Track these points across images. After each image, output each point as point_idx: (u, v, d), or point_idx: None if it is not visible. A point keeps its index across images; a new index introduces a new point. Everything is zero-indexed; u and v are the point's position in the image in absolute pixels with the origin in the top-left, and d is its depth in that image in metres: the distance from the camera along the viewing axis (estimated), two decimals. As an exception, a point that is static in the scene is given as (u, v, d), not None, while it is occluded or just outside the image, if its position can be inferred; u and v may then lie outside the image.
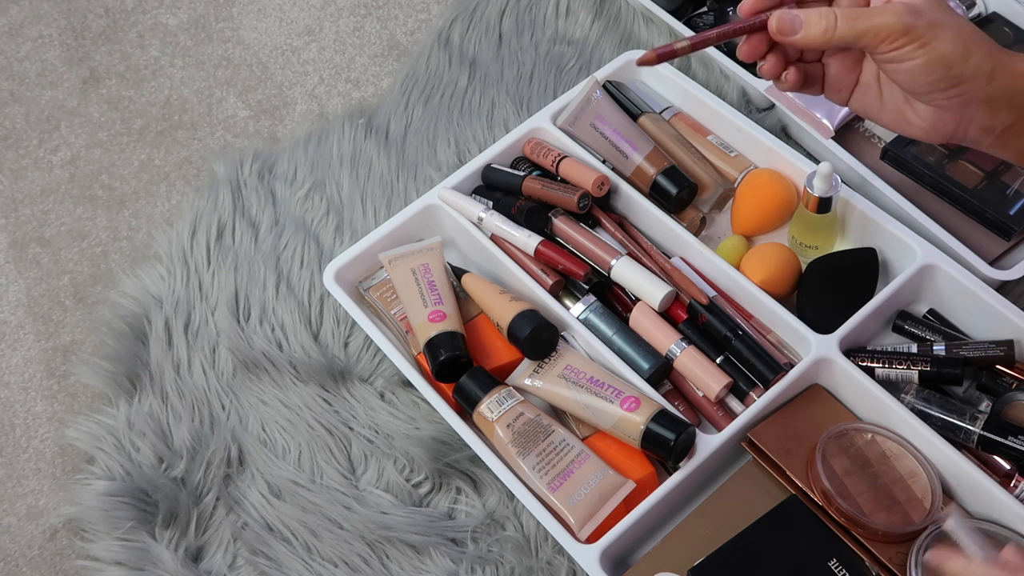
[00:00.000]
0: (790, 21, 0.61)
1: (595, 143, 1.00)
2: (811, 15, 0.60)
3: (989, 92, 0.60)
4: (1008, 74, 0.60)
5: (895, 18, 0.59)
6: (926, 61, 0.59)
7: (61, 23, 1.28)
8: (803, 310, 0.90)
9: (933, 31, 0.58)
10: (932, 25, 0.59)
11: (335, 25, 1.26)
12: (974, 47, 0.59)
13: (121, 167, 1.15)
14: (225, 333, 0.97)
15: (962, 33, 0.59)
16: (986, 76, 0.59)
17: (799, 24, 0.61)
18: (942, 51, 0.59)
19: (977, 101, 0.60)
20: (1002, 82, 0.60)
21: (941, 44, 0.59)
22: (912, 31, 0.58)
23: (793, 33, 0.61)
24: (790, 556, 0.75)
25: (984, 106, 0.61)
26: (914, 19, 0.58)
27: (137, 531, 0.86)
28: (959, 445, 0.81)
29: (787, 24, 0.61)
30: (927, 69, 0.59)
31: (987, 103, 0.60)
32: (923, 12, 0.59)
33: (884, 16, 0.59)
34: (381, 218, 1.04)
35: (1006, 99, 0.60)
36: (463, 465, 0.88)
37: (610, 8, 1.20)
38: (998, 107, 0.61)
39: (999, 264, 0.94)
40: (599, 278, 0.92)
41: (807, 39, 0.61)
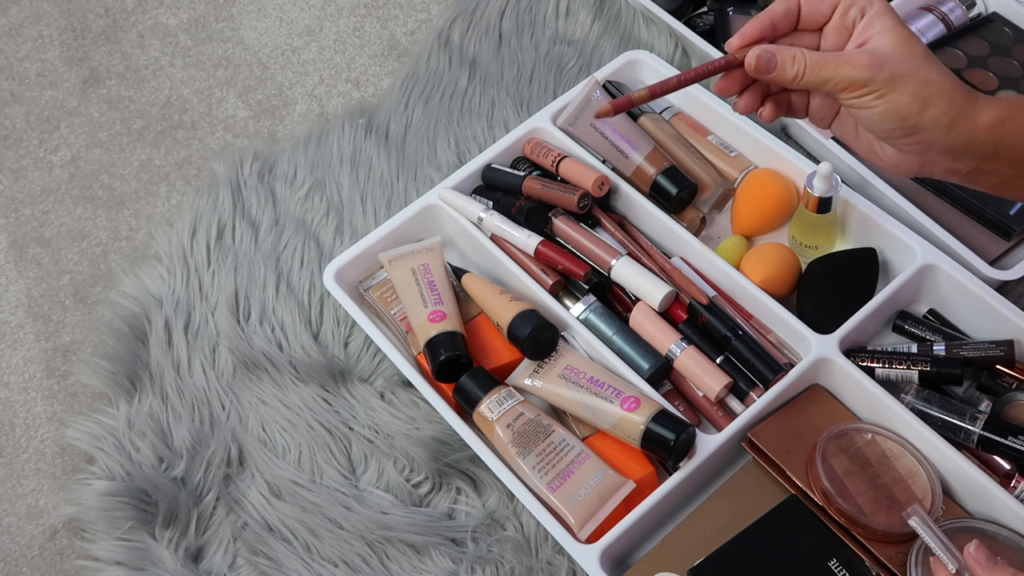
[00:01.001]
0: (767, 60, 0.63)
1: (595, 143, 1.00)
2: (785, 58, 0.63)
3: (948, 142, 0.62)
4: (968, 125, 0.61)
5: (857, 71, 0.61)
6: (882, 112, 0.61)
7: (61, 23, 1.28)
8: (803, 310, 0.90)
9: (891, 84, 0.61)
10: (892, 79, 0.61)
11: (335, 25, 1.26)
12: (934, 100, 0.61)
13: (121, 167, 1.15)
14: (225, 333, 0.97)
15: (923, 86, 0.61)
16: (944, 128, 0.61)
17: (775, 64, 0.63)
18: (897, 104, 0.61)
19: (936, 149, 0.62)
20: (962, 133, 0.61)
21: (897, 97, 0.61)
22: (870, 84, 0.61)
23: (769, 72, 0.64)
24: (790, 556, 0.75)
25: (945, 153, 0.63)
26: (875, 72, 0.61)
27: (137, 531, 0.86)
28: (959, 445, 0.81)
29: (764, 63, 0.64)
30: (883, 119, 0.62)
31: (947, 151, 0.62)
32: (885, 65, 0.61)
33: (847, 68, 0.62)
34: (381, 218, 1.04)
35: (966, 148, 0.62)
36: (463, 465, 0.88)
37: (610, 8, 1.20)
38: (959, 155, 0.63)
39: (999, 264, 0.94)
40: (599, 278, 0.92)
41: (778, 79, 0.64)
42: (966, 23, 1.11)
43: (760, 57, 0.64)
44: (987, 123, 0.62)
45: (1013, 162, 0.63)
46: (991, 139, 0.62)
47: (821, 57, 0.63)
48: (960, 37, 1.08)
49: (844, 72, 0.62)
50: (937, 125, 0.61)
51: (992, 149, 0.62)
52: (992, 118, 0.62)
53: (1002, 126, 0.62)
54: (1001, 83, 1.04)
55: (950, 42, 1.07)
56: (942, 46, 1.06)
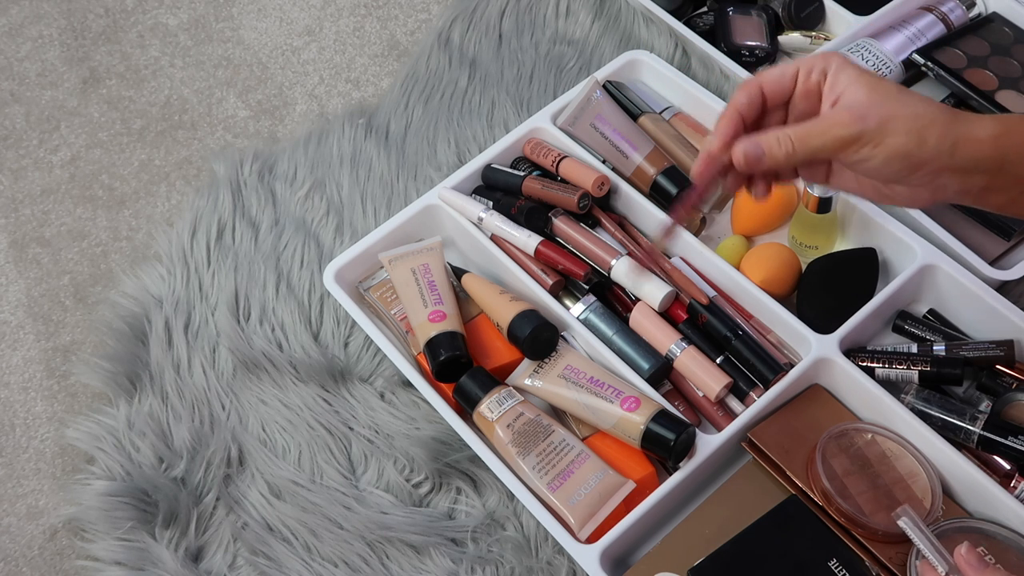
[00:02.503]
0: (755, 154, 0.64)
1: (595, 143, 1.00)
2: (771, 143, 0.63)
3: (954, 164, 0.61)
4: (970, 144, 0.61)
5: (844, 130, 0.61)
6: (884, 159, 0.61)
7: (61, 23, 1.28)
8: (803, 310, 0.90)
9: (883, 129, 0.61)
10: (881, 125, 0.61)
11: (335, 25, 1.26)
12: (929, 130, 0.61)
13: (121, 167, 1.15)
14: (225, 333, 0.97)
15: (915, 120, 0.61)
16: (947, 153, 0.61)
17: (762, 152, 0.63)
18: (896, 146, 0.61)
19: (946, 173, 0.62)
20: (965, 152, 0.61)
21: (893, 140, 0.61)
22: (862, 136, 0.61)
23: (760, 163, 0.64)
24: (790, 556, 0.75)
25: (954, 175, 0.62)
26: (862, 124, 0.61)
27: (137, 531, 0.86)
28: (959, 445, 0.81)
29: (752, 157, 0.64)
30: (887, 164, 0.61)
31: (956, 173, 0.62)
32: (869, 115, 0.61)
33: (835, 130, 0.62)
34: (381, 218, 1.04)
35: (973, 167, 0.62)
36: (463, 465, 0.88)
37: (610, 8, 1.20)
38: (968, 174, 0.62)
39: (999, 264, 0.94)
40: (599, 278, 0.92)
41: (771, 165, 0.64)
42: (966, 23, 1.11)
43: (747, 153, 0.64)
44: (987, 137, 0.62)
45: (1019, 180, 0.62)
46: (994, 154, 0.62)
47: (804, 129, 0.63)
48: (960, 37, 1.08)
49: (832, 134, 0.62)
50: (940, 152, 0.61)
51: (997, 164, 0.62)
52: (990, 133, 0.62)
53: (1003, 141, 0.62)
54: (1001, 83, 1.04)
55: (950, 42, 1.07)
56: (942, 46, 1.06)
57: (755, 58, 1.10)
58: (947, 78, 1.03)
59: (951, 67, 1.04)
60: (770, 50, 1.10)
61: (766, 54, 1.10)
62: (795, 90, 0.66)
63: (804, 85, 0.65)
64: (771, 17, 1.13)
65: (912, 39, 1.08)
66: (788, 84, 0.66)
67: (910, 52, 1.06)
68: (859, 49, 1.06)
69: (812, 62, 0.65)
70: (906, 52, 1.06)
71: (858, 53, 1.06)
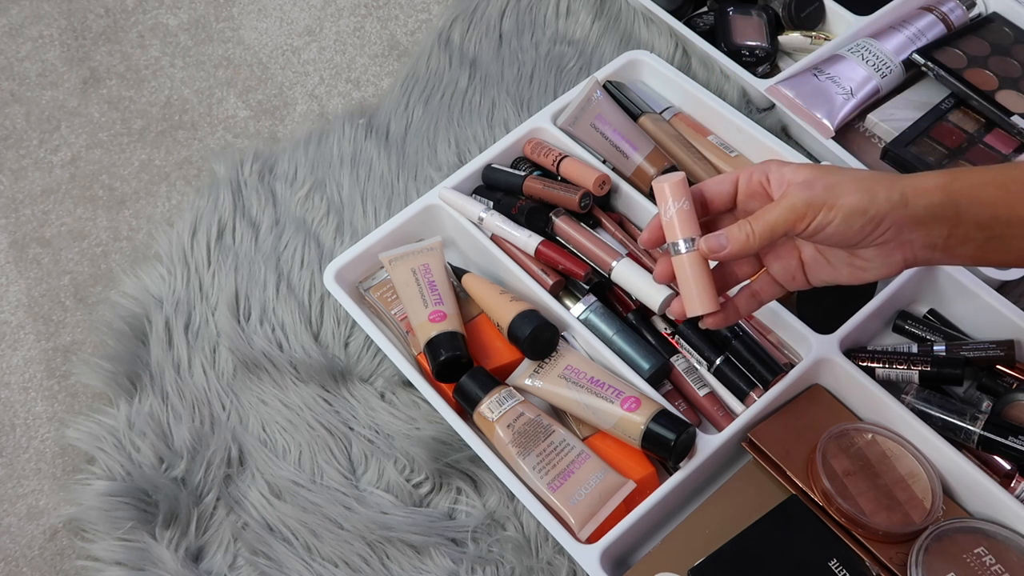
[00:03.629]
0: (716, 240, 0.65)
1: (595, 143, 1.00)
2: (732, 231, 0.65)
3: (911, 215, 0.63)
4: (919, 193, 0.63)
5: (796, 199, 0.63)
6: (842, 218, 0.62)
7: (61, 23, 1.28)
8: (803, 310, 0.90)
9: (832, 192, 0.63)
10: (828, 188, 0.63)
11: (335, 25, 1.26)
12: (876, 185, 0.63)
13: (121, 167, 1.15)
14: (225, 333, 0.97)
15: (859, 179, 0.63)
16: (900, 204, 0.62)
17: (725, 240, 0.65)
18: (850, 204, 0.62)
19: (907, 225, 0.63)
20: (918, 201, 0.63)
21: (845, 199, 0.62)
22: (813, 201, 0.63)
23: (722, 249, 0.65)
24: (790, 556, 0.75)
25: (915, 226, 0.63)
26: (810, 191, 0.63)
27: (137, 531, 0.86)
28: (959, 445, 0.81)
29: (715, 244, 0.65)
30: (847, 223, 0.62)
31: (916, 224, 0.63)
32: (815, 184, 0.63)
33: (785, 201, 0.64)
34: (381, 218, 1.04)
35: (929, 215, 0.63)
36: (463, 465, 0.88)
37: (610, 8, 1.20)
38: (928, 224, 0.63)
39: (999, 264, 0.94)
40: (599, 278, 0.92)
41: (735, 250, 0.65)
42: (966, 23, 1.11)
43: (709, 242, 0.65)
44: (934, 186, 0.63)
45: (978, 225, 0.63)
46: (945, 200, 0.63)
47: (760, 212, 0.65)
48: (960, 37, 1.08)
49: (785, 205, 0.63)
50: (892, 203, 0.62)
51: (953, 211, 0.63)
52: (936, 182, 0.63)
53: (950, 188, 0.63)
54: (1001, 83, 1.04)
55: (950, 42, 1.07)
56: (942, 46, 1.06)
57: (755, 58, 1.10)
58: (947, 78, 1.03)
59: (951, 67, 1.04)
60: (770, 50, 1.10)
61: (766, 54, 1.10)
62: (738, 195, 0.68)
63: (747, 187, 0.67)
64: (771, 17, 1.13)
65: (912, 39, 1.08)
66: (729, 188, 0.68)
67: (910, 52, 1.06)
68: (859, 49, 1.06)
69: (751, 168, 0.67)
70: (906, 52, 1.06)
71: (858, 53, 1.06)
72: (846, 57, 1.06)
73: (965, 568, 0.74)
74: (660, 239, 0.68)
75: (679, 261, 0.66)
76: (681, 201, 0.66)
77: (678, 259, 0.66)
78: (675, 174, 0.67)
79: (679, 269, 0.67)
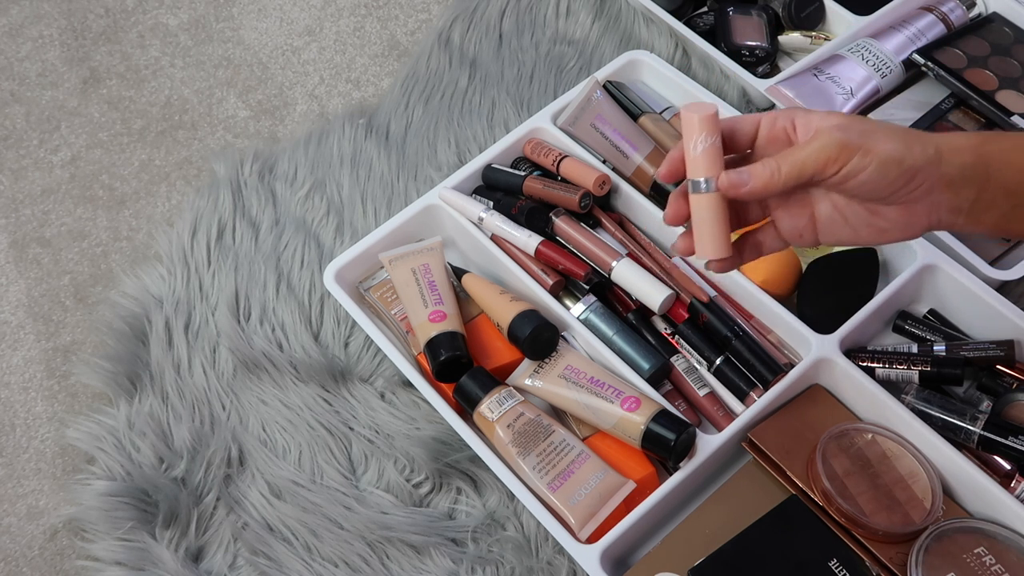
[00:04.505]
0: (738, 176, 0.62)
1: (595, 143, 1.00)
2: (755, 167, 0.62)
3: (944, 173, 0.61)
4: (954, 151, 0.61)
5: (828, 139, 0.60)
6: (878, 164, 0.60)
7: (61, 23, 1.28)
8: (803, 310, 0.90)
9: (867, 138, 0.60)
10: (864, 134, 0.60)
11: (335, 25, 1.26)
12: (911, 139, 0.61)
13: (121, 167, 1.15)
14: (225, 333, 0.97)
15: (894, 131, 0.61)
16: (934, 160, 0.60)
17: (747, 176, 0.62)
18: (886, 150, 0.60)
19: (938, 185, 0.61)
20: (952, 159, 0.61)
21: (882, 145, 0.60)
22: (848, 144, 0.60)
23: (743, 186, 0.62)
24: (790, 556, 0.75)
25: (945, 188, 0.62)
26: (845, 134, 0.60)
27: (137, 531, 0.86)
28: (959, 445, 0.81)
29: (736, 179, 0.62)
30: (882, 172, 0.60)
31: (947, 184, 0.62)
32: (849, 126, 0.60)
33: (817, 142, 0.60)
34: (381, 218, 1.04)
35: (961, 176, 0.61)
36: (463, 465, 0.88)
37: (610, 8, 1.20)
38: (958, 185, 0.62)
39: (999, 264, 0.94)
40: (599, 278, 0.92)
41: (757, 187, 0.62)
42: (966, 23, 1.11)
43: (731, 178, 0.62)
44: (968, 146, 0.61)
45: (1006, 192, 0.62)
46: (978, 162, 0.61)
47: (788, 150, 0.61)
48: (960, 37, 1.08)
49: (817, 145, 0.60)
50: (928, 158, 0.60)
51: (983, 173, 0.61)
52: (969, 143, 0.61)
53: (983, 149, 0.61)
54: (1001, 83, 1.04)
55: (950, 42, 1.07)
56: (942, 46, 1.06)
57: (755, 58, 1.10)
58: (947, 78, 1.03)
59: (951, 67, 1.04)
60: (770, 50, 1.10)
61: (766, 54, 1.10)
62: (758, 138, 0.65)
63: (770, 131, 0.64)
64: (771, 17, 1.13)
65: (912, 39, 1.08)
66: (749, 129, 0.64)
67: (910, 52, 1.06)
68: (859, 49, 1.06)
69: (775, 112, 0.64)
70: (906, 52, 1.06)
71: (858, 53, 1.06)
72: (846, 57, 1.06)
73: (965, 568, 0.74)
74: (679, 173, 0.64)
75: (698, 200, 0.63)
76: (712, 137, 0.62)
77: (697, 197, 0.63)
78: (707, 106, 0.63)
79: (696, 208, 0.63)
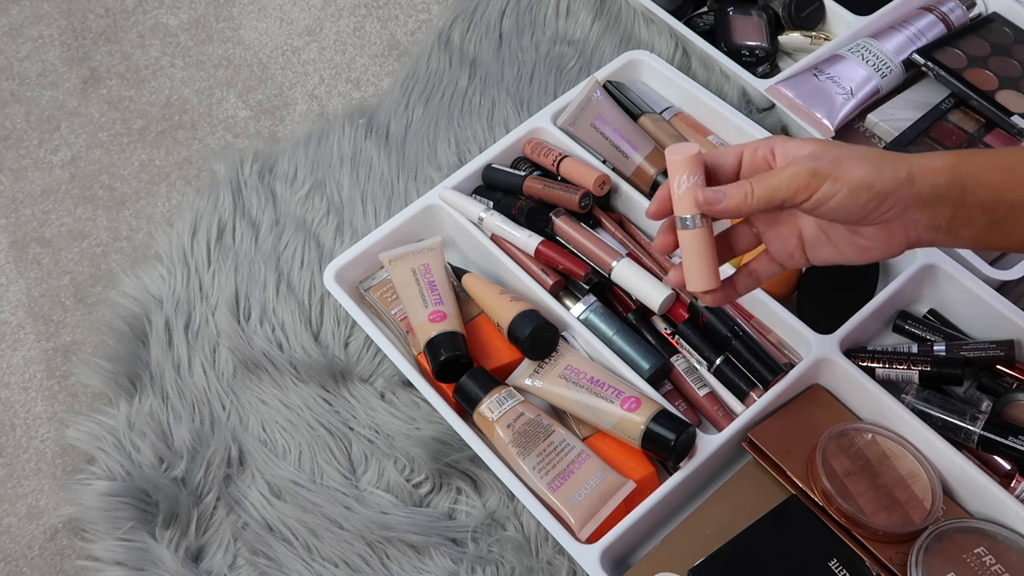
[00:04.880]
0: (714, 194, 0.64)
1: (595, 143, 1.00)
2: (730, 187, 0.64)
3: (916, 193, 0.62)
4: (925, 172, 0.62)
5: (799, 167, 0.62)
6: (848, 191, 0.61)
7: (61, 23, 1.28)
8: (803, 310, 0.90)
9: (838, 165, 0.62)
10: (834, 161, 0.62)
11: (335, 25, 1.26)
12: (882, 162, 0.62)
13: (121, 167, 1.15)
14: (225, 333, 0.97)
15: (865, 156, 0.62)
16: (906, 182, 0.62)
17: (722, 195, 0.64)
18: (856, 177, 0.61)
19: (912, 205, 0.62)
20: (924, 180, 0.62)
21: (851, 172, 0.61)
22: (819, 172, 0.61)
23: (718, 203, 0.64)
24: (790, 556, 0.75)
25: (920, 207, 0.63)
26: (816, 163, 0.62)
27: (137, 531, 0.86)
28: (959, 445, 0.81)
29: (712, 196, 0.64)
30: (852, 197, 0.61)
31: (921, 204, 0.62)
32: (821, 154, 0.62)
33: (789, 169, 0.62)
34: (381, 218, 1.04)
35: (935, 195, 0.62)
36: (463, 465, 0.88)
37: (610, 8, 1.20)
38: (933, 204, 0.63)
39: (999, 264, 0.94)
40: (599, 278, 0.92)
41: (731, 206, 0.64)
42: (966, 23, 1.11)
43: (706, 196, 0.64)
44: (941, 167, 0.62)
45: (983, 208, 0.63)
46: (952, 182, 0.62)
47: (763, 175, 0.64)
48: (960, 37, 1.08)
49: (789, 173, 0.62)
50: (899, 180, 0.61)
51: (958, 193, 0.62)
52: (943, 162, 0.63)
53: (957, 169, 0.62)
54: (1001, 83, 1.04)
55: (950, 42, 1.07)
56: (942, 46, 1.06)
57: (755, 58, 1.10)
58: (947, 78, 1.03)
59: (951, 67, 1.04)
60: (770, 50, 1.10)
61: (766, 54, 1.10)
62: (742, 169, 0.67)
63: (752, 161, 0.66)
64: (771, 17, 1.13)
65: (912, 39, 1.08)
66: (733, 162, 0.67)
67: (910, 52, 1.06)
68: (859, 49, 1.06)
69: (756, 142, 0.66)
70: (906, 52, 1.06)
71: (858, 53, 1.06)
72: (846, 57, 1.06)
73: (965, 568, 0.74)
74: (667, 210, 0.67)
75: (685, 236, 0.66)
76: (695, 176, 0.65)
77: (684, 233, 0.66)
78: (689, 146, 0.66)
79: (685, 243, 0.66)
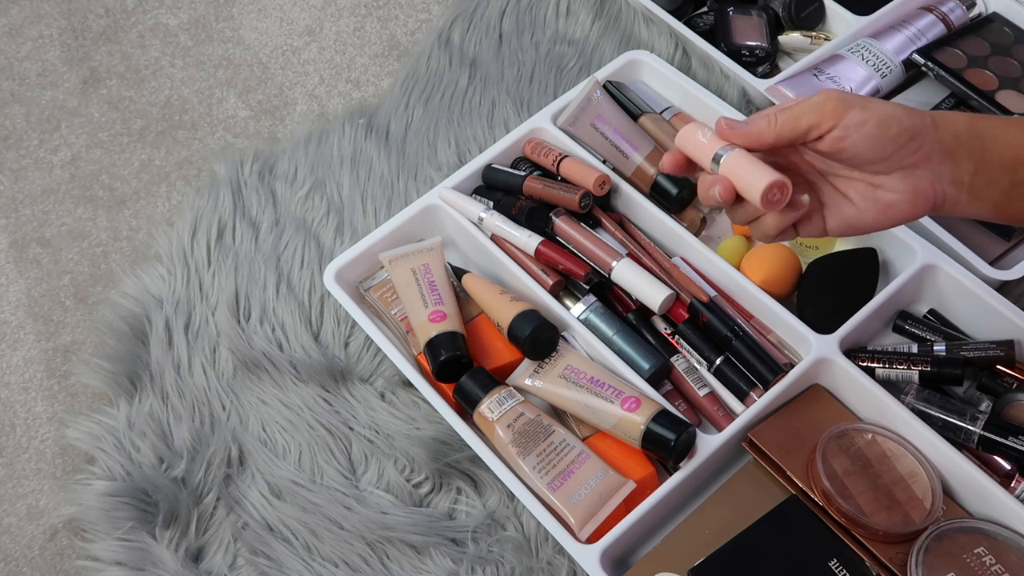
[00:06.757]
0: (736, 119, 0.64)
1: (595, 143, 1.00)
2: (755, 117, 0.64)
3: (940, 139, 0.63)
4: (948, 123, 0.63)
5: (827, 95, 0.62)
6: (878, 119, 0.61)
7: (61, 23, 1.28)
8: (803, 310, 0.90)
9: (866, 105, 0.62)
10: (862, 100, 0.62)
11: (335, 25, 1.26)
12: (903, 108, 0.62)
13: (121, 167, 1.15)
14: (225, 333, 0.97)
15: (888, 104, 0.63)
16: (931, 126, 0.62)
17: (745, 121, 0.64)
18: (885, 111, 0.61)
19: (936, 153, 0.63)
20: (948, 128, 0.63)
21: (881, 106, 0.62)
22: (846, 100, 0.61)
23: (741, 127, 0.64)
24: (790, 556, 0.75)
25: (944, 157, 0.63)
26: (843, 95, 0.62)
27: (137, 531, 0.86)
28: (959, 445, 0.81)
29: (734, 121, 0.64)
30: (883, 127, 0.61)
31: (945, 153, 0.63)
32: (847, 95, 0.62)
33: (816, 97, 0.62)
34: (381, 218, 1.04)
35: (958, 146, 0.63)
36: (463, 465, 0.88)
37: (610, 8, 1.20)
38: (956, 155, 0.63)
39: (999, 264, 0.94)
40: (599, 278, 0.92)
41: (753, 131, 0.64)
42: (966, 23, 1.11)
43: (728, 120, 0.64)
44: (963, 120, 0.63)
45: (1004, 166, 0.63)
46: (972, 132, 0.63)
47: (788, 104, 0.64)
48: (960, 37, 1.08)
49: (815, 100, 0.62)
50: (924, 124, 0.62)
51: (979, 146, 0.63)
52: (964, 117, 0.63)
53: (976, 122, 0.63)
54: (1001, 83, 1.04)
55: (950, 42, 1.07)
56: (942, 46, 1.06)
57: (755, 58, 1.10)
58: (947, 78, 1.03)
59: (951, 67, 1.04)
60: (770, 50, 1.10)
61: (766, 54, 1.10)
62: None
63: None
64: (771, 17, 1.13)
65: (912, 39, 1.08)
66: None
67: (910, 52, 1.06)
68: (859, 49, 1.06)
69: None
70: (906, 52, 1.06)
71: (858, 53, 1.06)
72: (846, 57, 1.06)
73: (965, 568, 0.74)
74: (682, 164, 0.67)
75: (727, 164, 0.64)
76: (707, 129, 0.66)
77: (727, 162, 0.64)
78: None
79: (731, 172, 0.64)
